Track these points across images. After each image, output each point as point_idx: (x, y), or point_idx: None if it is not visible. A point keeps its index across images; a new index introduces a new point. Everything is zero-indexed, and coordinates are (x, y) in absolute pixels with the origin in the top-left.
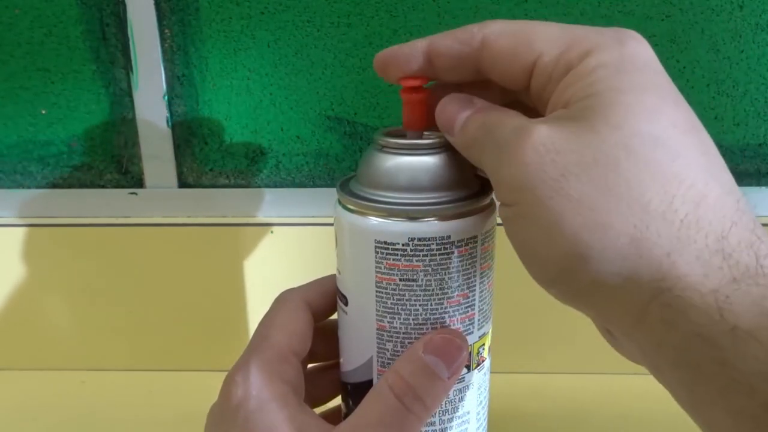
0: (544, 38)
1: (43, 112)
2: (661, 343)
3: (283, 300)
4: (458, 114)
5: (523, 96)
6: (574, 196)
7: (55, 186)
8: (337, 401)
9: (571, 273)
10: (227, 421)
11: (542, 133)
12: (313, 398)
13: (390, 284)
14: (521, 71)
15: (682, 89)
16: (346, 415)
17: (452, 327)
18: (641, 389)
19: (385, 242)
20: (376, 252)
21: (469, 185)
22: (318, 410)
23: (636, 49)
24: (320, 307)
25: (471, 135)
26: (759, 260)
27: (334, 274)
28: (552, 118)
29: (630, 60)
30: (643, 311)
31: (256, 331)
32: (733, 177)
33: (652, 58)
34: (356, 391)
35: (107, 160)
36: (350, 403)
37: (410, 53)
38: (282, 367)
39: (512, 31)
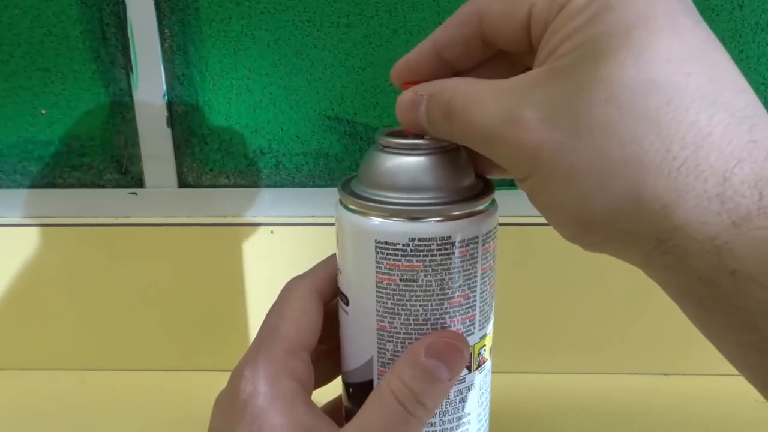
0: None
1: (43, 112)
2: (668, 285)
3: (292, 290)
4: (414, 112)
5: (528, 60)
6: (575, 165)
7: (55, 186)
8: (338, 385)
9: (583, 232)
10: (234, 415)
11: (533, 119)
12: (315, 380)
13: (390, 284)
14: (519, 28)
15: None
16: (347, 413)
17: (453, 328)
18: (641, 389)
19: (386, 242)
20: (377, 252)
21: (470, 185)
22: (318, 398)
23: None
24: (329, 292)
25: (443, 131)
26: (763, 200)
27: (335, 253)
28: (537, 85)
29: None
30: (648, 258)
31: (265, 322)
32: (752, 91)
33: None
34: (356, 391)
35: (107, 160)
36: (351, 403)
37: (419, 59)
38: (291, 362)
39: None
